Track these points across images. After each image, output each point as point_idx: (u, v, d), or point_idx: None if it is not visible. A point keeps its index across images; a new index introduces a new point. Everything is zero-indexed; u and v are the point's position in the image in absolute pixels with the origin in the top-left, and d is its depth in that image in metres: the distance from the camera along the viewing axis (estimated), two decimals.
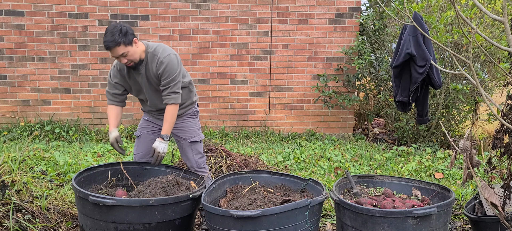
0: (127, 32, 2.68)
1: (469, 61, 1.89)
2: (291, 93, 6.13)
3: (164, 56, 2.79)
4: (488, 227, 2.61)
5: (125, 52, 2.69)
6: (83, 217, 2.48)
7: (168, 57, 2.80)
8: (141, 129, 3.15)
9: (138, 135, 3.14)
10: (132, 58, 2.74)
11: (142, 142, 3.12)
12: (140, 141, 3.12)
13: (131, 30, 2.73)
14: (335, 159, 4.88)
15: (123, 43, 2.66)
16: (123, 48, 2.67)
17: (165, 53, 2.81)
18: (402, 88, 3.82)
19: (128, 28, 2.72)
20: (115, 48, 2.65)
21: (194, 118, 3.17)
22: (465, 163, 2.26)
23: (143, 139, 3.12)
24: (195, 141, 3.11)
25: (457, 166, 4.79)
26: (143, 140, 3.12)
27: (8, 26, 5.72)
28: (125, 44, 2.67)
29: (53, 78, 5.89)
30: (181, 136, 3.10)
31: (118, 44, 2.64)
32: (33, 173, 3.69)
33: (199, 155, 3.15)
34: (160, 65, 2.79)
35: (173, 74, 2.81)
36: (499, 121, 2.20)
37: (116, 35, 2.63)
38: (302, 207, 2.29)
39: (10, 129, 5.74)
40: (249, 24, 5.92)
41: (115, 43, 2.63)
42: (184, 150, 3.13)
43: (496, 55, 5.24)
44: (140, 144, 3.12)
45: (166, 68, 2.79)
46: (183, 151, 3.14)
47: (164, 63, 2.79)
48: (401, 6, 5.48)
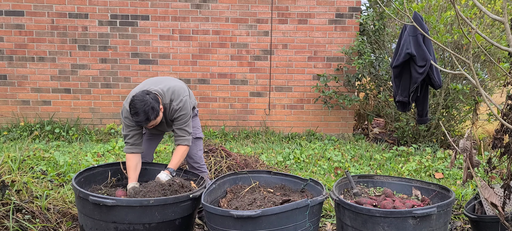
0: (155, 107, 2.71)
1: (469, 61, 1.89)
2: (291, 93, 6.13)
3: (178, 102, 2.88)
4: (488, 227, 2.61)
5: (154, 124, 2.79)
6: (83, 217, 2.48)
7: (181, 102, 2.88)
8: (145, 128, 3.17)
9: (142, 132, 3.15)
10: (156, 124, 2.83)
11: (144, 141, 3.15)
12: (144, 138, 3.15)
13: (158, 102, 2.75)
14: (335, 159, 4.88)
15: (154, 119, 2.74)
16: (153, 121, 2.76)
17: (178, 100, 2.88)
18: (402, 88, 3.82)
19: (155, 101, 2.73)
20: (148, 123, 2.74)
21: (196, 117, 3.27)
22: (465, 163, 2.26)
23: (146, 138, 3.18)
24: (199, 137, 3.22)
25: (457, 166, 4.79)
26: (145, 138, 3.17)
27: (8, 26, 5.72)
28: (155, 118, 2.75)
29: (53, 78, 5.89)
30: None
31: (150, 121, 2.73)
32: (33, 173, 3.69)
33: (201, 151, 3.25)
34: (174, 112, 2.89)
35: (186, 117, 2.92)
36: (499, 121, 2.20)
37: (149, 114, 2.68)
38: (302, 207, 2.29)
39: (10, 129, 5.74)
40: (249, 24, 5.92)
41: (147, 122, 2.71)
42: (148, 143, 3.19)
43: (496, 55, 5.24)
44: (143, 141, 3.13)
45: (181, 113, 2.88)
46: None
47: (177, 110, 2.88)
48: (401, 6, 5.48)
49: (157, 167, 3.07)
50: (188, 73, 5.99)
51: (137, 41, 5.87)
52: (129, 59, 5.91)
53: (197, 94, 6.04)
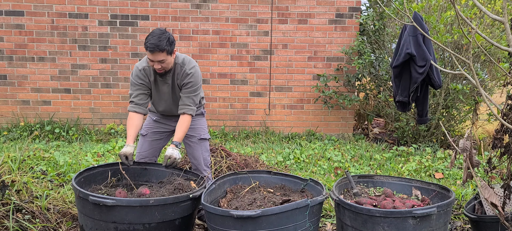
0: (172, 42, 2.74)
1: (469, 61, 1.89)
2: (291, 93, 6.13)
3: (190, 67, 2.89)
4: (488, 227, 2.61)
5: (164, 60, 2.75)
6: (83, 217, 2.48)
7: (194, 69, 2.90)
8: (147, 128, 3.15)
9: (144, 134, 3.14)
10: (166, 67, 2.80)
11: (146, 141, 3.13)
12: (145, 139, 3.13)
13: (174, 41, 2.79)
14: (335, 159, 4.88)
15: (167, 51, 2.72)
16: (164, 55, 2.72)
17: (191, 65, 2.90)
18: (402, 88, 3.82)
19: (173, 38, 2.77)
20: (158, 53, 2.69)
21: (202, 117, 3.23)
22: (465, 163, 2.26)
23: (148, 138, 3.14)
24: (205, 138, 3.17)
25: (457, 166, 4.79)
26: (148, 139, 3.13)
27: (8, 26, 5.72)
28: (167, 53, 2.73)
29: (53, 78, 5.89)
30: (191, 134, 3.12)
31: (162, 51, 2.69)
32: (33, 173, 3.69)
33: (207, 152, 3.20)
34: (185, 76, 2.88)
35: (195, 85, 2.91)
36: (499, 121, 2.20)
37: (164, 42, 2.67)
38: (302, 207, 2.29)
39: (10, 129, 5.74)
40: (249, 24, 5.92)
41: (159, 49, 2.67)
42: (193, 147, 3.14)
43: (496, 55, 5.24)
44: (144, 142, 3.13)
45: (191, 79, 2.88)
46: (191, 149, 3.15)
47: (189, 75, 2.88)
48: (401, 6, 5.48)
49: (156, 166, 3.07)
50: None
51: (137, 41, 5.87)
52: (129, 59, 5.91)
53: None
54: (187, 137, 3.14)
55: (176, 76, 2.92)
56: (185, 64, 2.89)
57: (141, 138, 3.17)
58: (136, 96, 2.93)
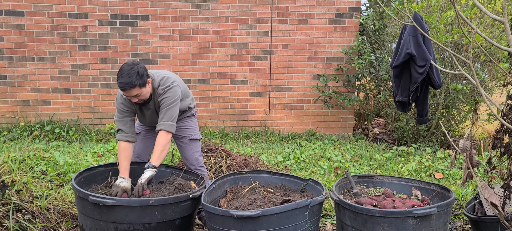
0: (143, 74, 2.71)
1: (469, 61, 1.89)
2: (291, 93, 6.13)
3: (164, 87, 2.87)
4: (488, 227, 2.61)
5: (139, 93, 2.74)
6: (83, 217, 2.48)
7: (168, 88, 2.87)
8: (140, 126, 3.19)
9: (137, 132, 3.15)
10: (143, 98, 2.80)
11: (140, 139, 3.16)
12: (139, 138, 3.16)
13: (146, 71, 2.76)
14: (335, 159, 4.88)
15: (138, 86, 2.70)
16: (138, 90, 2.72)
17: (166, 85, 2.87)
18: (402, 88, 3.82)
19: (144, 69, 2.75)
20: (130, 90, 2.69)
21: (193, 118, 3.25)
22: (465, 163, 2.26)
23: (141, 137, 3.17)
24: (195, 138, 3.18)
25: (457, 166, 4.79)
26: (141, 137, 3.17)
27: (8, 26, 5.72)
28: (140, 87, 2.72)
29: (53, 78, 5.89)
30: (181, 134, 3.15)
31: (134, 87, 2.68)
32: (33, 173, 3.69)
33: (198, 153, 3.21)
34: (159, 95, 2.88)
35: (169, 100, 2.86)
36: (499, 121, 2.20)
37: (133, 78, 2.66)
38: (302, 207, 2.29)
39: (10, 129, 5.74)
40: (249, 24, 5.92)
41: (131, 86, 2.67)
42: (184, 148, 3.17)
43: (496, 55, 5.24)
44: (138, 141, 3.14)
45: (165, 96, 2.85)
46: (183, 150, 3.18)
47: (162, 94, 2.86)
48: (401, 6, 5.48)
49: None
50: (188, 73, 5.99)
51: (137, 41, 5.87)
52: (129, 59, 5.91)
53: (197, 94, 6.04)
54: (178, 137, 3.16)
55: (156, 98, 2.92)
56: (161, 86, 2.88)
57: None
58: (124, 124, 2.90)
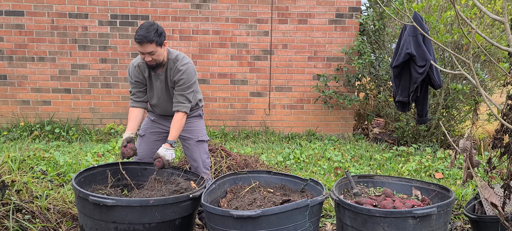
0: (161, 33, 2.76)
1: (469, 61, 1.89)
2: (291, 93, 6.13)
3: (183, 64, 2.89)
4: (488, 227, 2.61)
5: (154, 51, 2.75)
6: (83, 217, 2.48)
7: (186, 65, 2.90)
8: (145, 128, 3.14)
9: (141, 134, 3.13)
10: (157, 59, 2.81)
11: (145, 142, 3.12)
12: (143, 140, 3.12)
13: (164, 33, 2.82)
14: (335, 159, 4.88)
15: (155, 43, 2.73)
16: (154, 47, 2.74)
17: (184, 62, 2.91)
18: (402, 88, 3.82)
19: (163, 30, 2.80)
20: (147, 45, 2.71)
21: (200, 119, 3.21)
22: (465, 163, 2.26)
23: (146, 139, 3.12)
24: (202, 140, 3.14)
25: (457, 166, 4.79)
26: (146, 140, 3.12)
27: (8, 26, 5.72)
28: (156, 44, 2.74)
29: (53, 78, 5.89)
30: (188, 136, 3.11)
31: (151, 42, 2.71)
32: (33, 173, 3.69)
33: (206, 154, 3.17)
34: (177, 72, 2.88)
35: (188, 82, 2.90)
36: (499, 121, 2.20)
37: (152, 33, 2.70)
38: (302, 207, 2.29)
39: (10, 129, 5.74)
40: (249, 24, 5.92)
41: (148, 40, 2.69)
42: (191, 149, 3.13)
43: (496, 55, 5.24)
44: (142, 143, 3.12)
45: (183, 76, 2.87)
46: (190, 151, 3.14)
47: (181, 71, 2.88)
48: (401, 6, 5.48)
49: None
50: None
51: None
52: (129, 59, 5.91)
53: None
54: (185, 139, 3.12)
55: (169, 72, 2.92)
56: (178, 60, 2.90)
57: (139, 139, 3.16)
58: (134, 94, 3.02)
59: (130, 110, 3.02)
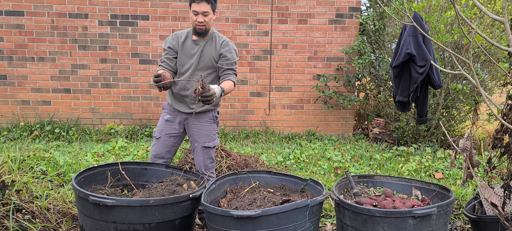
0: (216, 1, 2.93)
1: (469, 61, 1.89)
2: (291, 93, 6.13)
3: (229, 41, 3.03)
4: (488, 227, 2.61)
5: (208, 12, 2.86)
6: (83, 217, 2.48)
7: (232, 43, 3.04)
8: (161, 130, 3.08)
9: (157, 136, 3.08)
10: (207, 22, 2.89)
11: (161, 144, 3.08)
12: (159, 142, 3.08)
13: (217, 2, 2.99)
14: (335, 159, 4.88)
15: (211, 5, 2.87)
16: (209, 8, 2.86)
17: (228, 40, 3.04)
18: (402, 88, 3.82)
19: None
20: (204, 4, 2.82)
21: (213, 122, 3.12)
22: (465, 163, 2.26)
23: (162, 141, 3.08)
24: (208, 146, 3.08)
25: (457, 166, 4.79)
26: (162, 142, 3.08)
27: (8, 26, 5.72)
28: (211, 7, 2.87)
29: (53, 78, 5.89)
30: (197, 139, 3.08)
31: (208, 2, 2.84)
32: (33, 173, 3.69)
33: (209, 160, 3.12)
34: (225, 45, 2.97)
35: (233, 59, 3.00)
36: (499, 121, 2.20)
37: None
38: (302, 207, 2.29)
39: (10, 129, 5.74)
40: (249, 24, 5.92)
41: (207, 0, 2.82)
42: (196, 152, 3.11)
43: (496, 55, 5.24)
44: (158, 145, 3.08)
45: (232, 51, 2.99)
46: (195, 153, 3.12)
47: (229, 46, 2.98)
48: (401, 6, 5.48)
49: (156, 166, 3.07)
50: None
51: (137, 41, 5.87)
52: (129, 59, 5.92)
53: None
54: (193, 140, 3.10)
55: (213, 43, 2.98)
56: (222, 36, 3.02)
57: (155, 141, 3.11)
58: (163, 61, 3.02)
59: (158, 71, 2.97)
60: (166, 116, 3.10)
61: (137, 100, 6.02)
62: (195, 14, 2.86)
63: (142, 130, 5.90)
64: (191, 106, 2.99)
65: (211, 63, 2.97)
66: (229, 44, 2.98)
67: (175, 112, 3.08)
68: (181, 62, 3.01)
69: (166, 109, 3.13)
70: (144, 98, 6.02)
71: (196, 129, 3.06)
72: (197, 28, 2.90)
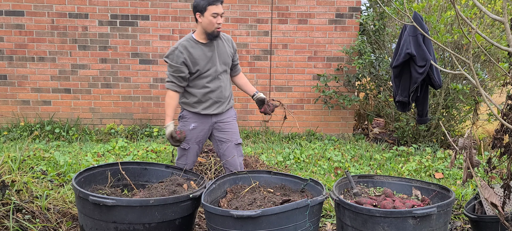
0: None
1: (469, 61, 1.89)
2: (291, 93, 6.13)
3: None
4: (488, 227, 2.61)
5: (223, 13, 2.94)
6: (83, 217, 2.48)
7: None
8: (188, 140, 3.07)
9: (186, 148, 3.08)
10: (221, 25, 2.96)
11: (191, 153, 3.11)
12: (190, 152, 3.10)
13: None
14: (335, 159, 4.88)
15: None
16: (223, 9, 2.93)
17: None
18: (402, 88, 3.82)
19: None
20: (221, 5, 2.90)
21: (235, 120, 3.23)
22: (465, 162, 2.26)
23: (192, 150, 3.11)
24: (240, 142, 3.16)
25: (457, 166, 4.79)
26: (192, 151, 3.10)
27: (8, 26, 5.72)
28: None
29: (53, 78, 5.89)
30: (228, 138, 3.10)
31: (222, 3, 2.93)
32: (33, 173, 3.69)
33: (241, 156, 3.21)
34: (233, 40, 3.16)
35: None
36: (499, 121, 2.20)
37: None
38: (302, 207, 2.29)
39: (10, 129, 5.74)
40: (249, 24, 5.92)
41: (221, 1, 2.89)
42: (228, 151, 3.12)
43: (496, 55, 5.24)
44: (189, 155, 3.10)
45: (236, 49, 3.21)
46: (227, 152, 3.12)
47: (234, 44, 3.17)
48: (401, 6, 5.48)
49: (156, 166, 3.07)
50: None
51: (137, 41, 5.87)
52: (129, 59, 5.92)
53: None
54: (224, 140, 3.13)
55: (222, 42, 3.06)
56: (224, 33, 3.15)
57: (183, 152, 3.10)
58: (177, 78, 2.95)
59: (170, 95, 2.95)
60: (191, 124, 3.06)
61: (137, 100, 6.02)
62: (214, 17, 2.85)
63: (142, 130, 5.90)
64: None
65: (227, 60, 3.08)
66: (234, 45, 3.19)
67: (203, 118, 3.07)
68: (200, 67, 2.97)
69: (190, 118, 3.07)
70: (144, 98, 6.02)
71: (228, 127, 3.10)
72: (216, 31, 2.91)
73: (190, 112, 3.07)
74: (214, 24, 2.87)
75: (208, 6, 2.83)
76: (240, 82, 3.31)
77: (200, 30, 2.94)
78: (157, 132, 5.83)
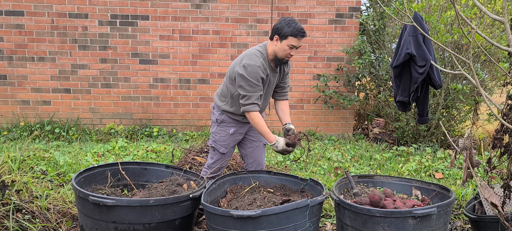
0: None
1: (469, 61, 1.89)
2: (291, 93, 6.12)
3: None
4: (488, 227, 2.61)
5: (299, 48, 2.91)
6: (83, 217, 2.48)
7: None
8: (227, 144, 3.06)
9: (224, 152, 3.08)
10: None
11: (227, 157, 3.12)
12: (226, 156, 3.11)
13: None
14: (335, 159, 4.88)
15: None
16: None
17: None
18: (402, 88, 3.81)
19: None
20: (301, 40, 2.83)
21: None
22: (465, 162, 2.26)
23: (229, 155, 3.12)
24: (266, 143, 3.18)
25: (457, 166, 4.79)
26: (228, 155, 3.12)
27: (8, 26, 5.72)
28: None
29: (53, 78, 5.89)
30: (260, 138, 3.13)
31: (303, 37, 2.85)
32: (33, 173, 3.69)
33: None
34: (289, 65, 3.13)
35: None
36: (499, 121, 2.20)
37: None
38: (302, 207, 2.29)
39: (10, 129, 5.74)
40: (249, 24, 5.92)
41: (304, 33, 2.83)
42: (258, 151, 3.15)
43: (496, 55, 5.24)
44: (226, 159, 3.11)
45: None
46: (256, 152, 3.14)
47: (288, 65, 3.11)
48: (401, 6, 5.48)
49: (156, 166, 3.07)
50: (188, 73, 5.99)
51: (137, 41, 5.87)
52: (129, 59, 5.91)
53: (197, 94, 6.04)
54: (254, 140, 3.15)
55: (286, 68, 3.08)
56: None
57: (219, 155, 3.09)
58: (258, 98, 2.86)
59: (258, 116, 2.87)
60: (231, 129, 3.05)
61: (137, 100, 6.02)
62: (291, 48, 2.81)
63: (142, 130, 5.90)
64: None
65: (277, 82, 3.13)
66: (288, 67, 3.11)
67: (241, 123, 3.08)
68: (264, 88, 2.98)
69: (230, 123, 3.06)
70: (144, 98, 6.02)
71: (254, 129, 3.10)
72: (285, 60, 2.89)
73: (231, 118, 3.06)
74: (286, 53, 2.84)
75: (289, 36, 2.78)
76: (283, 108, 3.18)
77: (271, 51, 2.88)
78: (157, 132, 5.83)
